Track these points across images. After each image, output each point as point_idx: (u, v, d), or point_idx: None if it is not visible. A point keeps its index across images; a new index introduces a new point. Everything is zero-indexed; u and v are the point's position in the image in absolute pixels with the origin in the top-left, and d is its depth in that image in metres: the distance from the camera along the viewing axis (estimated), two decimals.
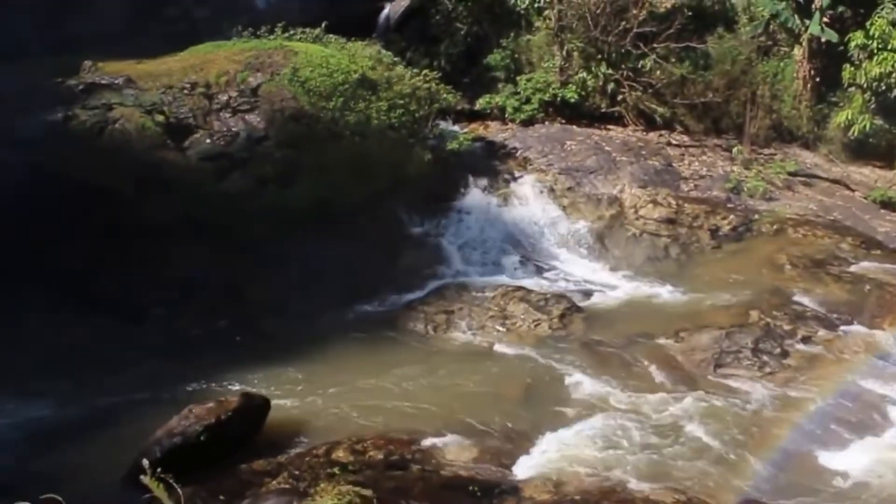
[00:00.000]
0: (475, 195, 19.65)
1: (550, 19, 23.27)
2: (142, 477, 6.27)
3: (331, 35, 20.82)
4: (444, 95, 20.77)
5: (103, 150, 16.50)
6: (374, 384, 13.75)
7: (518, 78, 23.46)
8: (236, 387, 13.32)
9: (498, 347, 15.21)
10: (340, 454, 11.38)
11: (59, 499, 5.75)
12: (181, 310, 15.76)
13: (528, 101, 22.99)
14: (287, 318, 15.87)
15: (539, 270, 18.30)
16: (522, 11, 24.25)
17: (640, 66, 23.04)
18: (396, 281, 17.28)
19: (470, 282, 17.48)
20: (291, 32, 20.64)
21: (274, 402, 12.41)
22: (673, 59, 23.03)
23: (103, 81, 17.88)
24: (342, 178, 17.69)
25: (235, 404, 11.69)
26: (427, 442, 11.89)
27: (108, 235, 15.98)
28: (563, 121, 23.03)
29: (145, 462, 6.55)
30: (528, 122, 22.79)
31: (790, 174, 21.61)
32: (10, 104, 17.14)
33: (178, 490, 6.25)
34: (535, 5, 23.90)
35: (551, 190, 20.17)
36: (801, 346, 14.73)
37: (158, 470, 6.22)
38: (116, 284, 15.78)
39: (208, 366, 14.08)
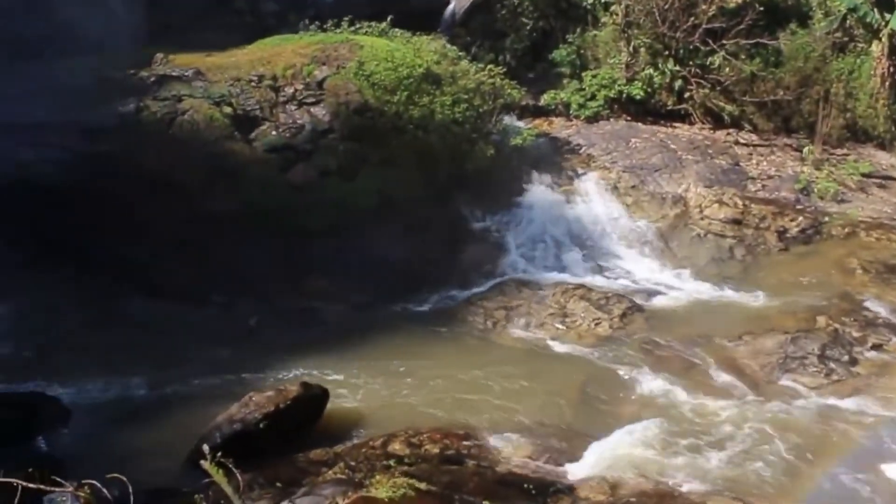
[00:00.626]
0: (538, 191, 19.53)
1: (617, 15, 22.97)
2: (202, 462, 6.40)
3: (396, 29, 20.92)
4: (509, 91, 20.71)
5: (173, 140, 16.88)
6: (432, 378, 13.77)
7: (583, 74, 23.22)
8: (296, 376, 13.46)
9: (557, 345, 15.11)
10: (397, 447, 11.43)
11: (123, 478, 5.89)
12: (243, 298, 16.02)
13: (593, 97, 22.75)
14: (348, 309, 16.05)
15: (600, 269, 18.12)
16: (589, 7, 24.01)
17: (708, 62, 22.59)
18: (457, 275, 17.31)
19: (530, 278, 17.40)
20: (357, 26, 20.80)
21: (332, 392, 12.53)
22: (743, 56, 22.52)
23: (174, 74, 18.29)
24: (405, 172, 17.79)
25: (294, 394, 11.84)
26: (483, 438, 11.88)
27: (174, 224, 16.35)
28: (629, 118, 22.74)
29: (206, 447, 6.69)
30: (593, 119, 22.56)
31: (864, 175, 20.94)
32: (86, 95, 17.66)
33: (237, 475, 6.35)
34: (603, 1, 23.65)
35: (615, 188, 19.94)
36: (871, 354, 14.28)
37: (218, 455, 6.34)
38: (181, 272, 16.12)
39: (269, 354, 14.31)
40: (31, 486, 4.32)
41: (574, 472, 11.14)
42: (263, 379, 13.48)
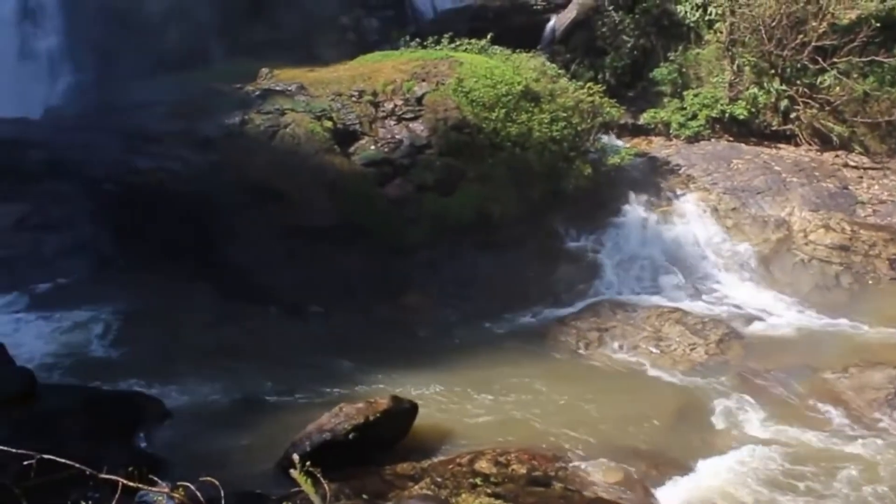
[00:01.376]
0: (635, 212, 19.23)
1: (721, 32, 22.45)
2: (291, 471, 6.51)
3: (496, 46, 21.01)
4: (608, 109, 20.49)
5: (275, 152, 17.37)
6: (522, 397, 13.68)
7: (685, 93, 22.77)
8: (386, 388, 13.58)
9: (650, 369, 14.80)
10: (483, 465, 11.37)
11: (216, 482, 6.04)
12: (339, 309, 16.30)
13: (694, 116, 22.27)
14: (440, 323, 16.13)
15: (698, 292, 17.66)
16: (692, 24, 23.54)
17: (817, 81, 21.81)
18: (550, 294, 17.19)
19: (625, 300, 17.13)
20: (458, 43, 20.99)
21: (421, 406, 12.58)
22: (855, 75, 21.64)
23: (278, 88, 18.87)
24: (501, 189, 17.82)
25: (384, 406, 11.93)
26: (572, 460, 11.70)
27: (276, 234, 16.83)
28: (731, 138, 22.15)
29: (296, 456, 6.80)
30: (694, 139, 22.08)
31: None
32: (195, 107, 18.40)
33: (325, 485, 6.43)
34: (706, 18, 23.14)
35: (715, 210, 19.44)
36: None
37: (308, 464, 6.44)
38: (282, 281, 16.55)
39: (361, 365, 14.50)
40: (130, 484, 4.50)
41: (665, 500, 10.86)
42: (355, 390, 13.64)
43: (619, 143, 21.63)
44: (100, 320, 15.96)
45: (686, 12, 23.24)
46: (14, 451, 4.14)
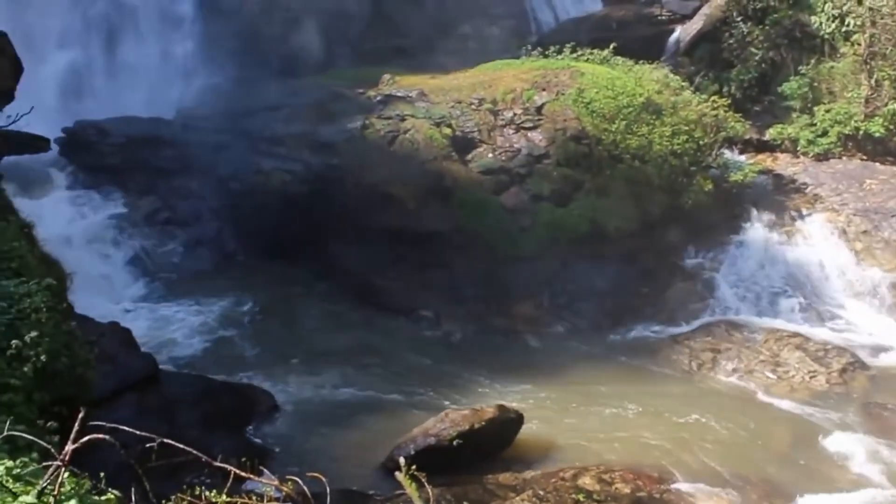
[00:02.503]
0: (756, 230, 18.54)
1: (859, 44, 21.37)
2: (396, 473, 6.57)
3: (618, 57, 20.67)
4: (732, 124, 19.84)
5: (393, 157, 17.63)
6: (629, 414, 13.42)
7: (815, 108, 21.78)
8: (493, 397, 13.58)
9: (765, 395, 14.24)
10: (587, 481, 11.21)
11: (323, 479, 6.16)
12: (449, 314, 16.42)
13: (824, 133, 21.28)
14: (550, 335, 16.03)
15: (820, 318, 16.86)
16: (826, 36, 22.50)
17: None
18: (664, 311, 16.78)
19: (741, 321, 16.53)
20: (579, 53, 20.77)
21: (527, 417, 12.51)
22: None
23: (399, 94, 19.16)
24: (618, 202, 17.54)
25: (490, 415, 11.93)
26: (678, 483, 11.40)
27: (391, 237, 17.12)
28: (864, 157, 21.03)
29: (402, 460, 6.88)
30: (823, 157, 21.09)
31: None
32: (318, 110, 18.92)
33: (428, 489, 6.46)
34: (843, 29, 22.08)
35: (843, 232, 18.51)
36: None
37: (413, 468, 6.49)
38: (395, 284, 16.83)
39: (469, 372, 14.57)
40: (242, 473, 4.65)
41: None
42: (461, 396, 13.72)
43: (743, 158, 20.92)
44: (219, 312, 16.67)
45: (821, 23, 22.26)
46: (139, 433, 4.37)
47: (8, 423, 5.63)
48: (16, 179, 16.32)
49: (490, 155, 17.91)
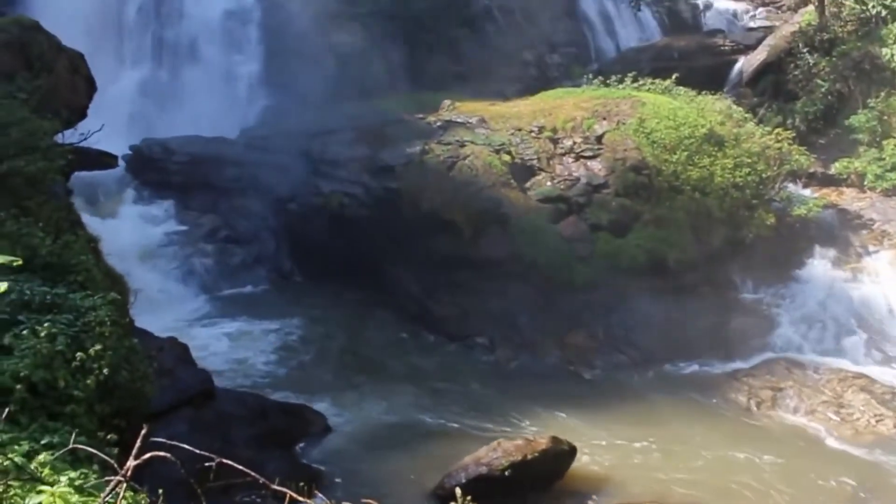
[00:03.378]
0: (819, 266, 18.08)
1: None
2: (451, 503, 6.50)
3: (680, 87, 20.47)
4: (796, 157, 19.46)
5: (452, 183, 17.64)
6: (684, 450, 13.13)
7: (884, 142, 21.21)
8: (546, 427, 13.40)
9: (827, 438, 13.80)
10: None
11: None
12: (504, 342, 16.32)
13: (893, 168, 20.72)
14: (606, 366, 15.81)
15: (887, 359, 16.34)
16: None
17: None
18: (722, 346, 16.43)
19: (803, 359, 16.09)
20: (641, 83, 20.63)
21: (580, 449, 12.32)
22: None
23: (459, 120, 19.24)
24: (678, 234, 17.29)
25: (543, 446, 11.78)
26: None
27: (446, 263, 17.12)
28: None
29: (458, 490, 6.80)
30: (892, 192, 20.49)
31: None
32: (378, 135, 19.09)
33: None
34: None
35: None
36: None
37: (468, 499, 6.41)
38: (448, 311, 16.81)
39: (522, 401, 14.41)
40: (299, 498, 4.63)
41: None
42: (514, 425, 13.58)
43: (807, 192, 20.46)
44: (275, 331, 16.82)
45: (892, 56, 21.76)
46: (197, 451, 4.39)
47: (73, 435, 5.73)
48: (84, 194, 16.79)
49: (549, 183, 17.83)
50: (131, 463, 3.99)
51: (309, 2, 24.98)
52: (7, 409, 6.61)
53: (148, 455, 4.00)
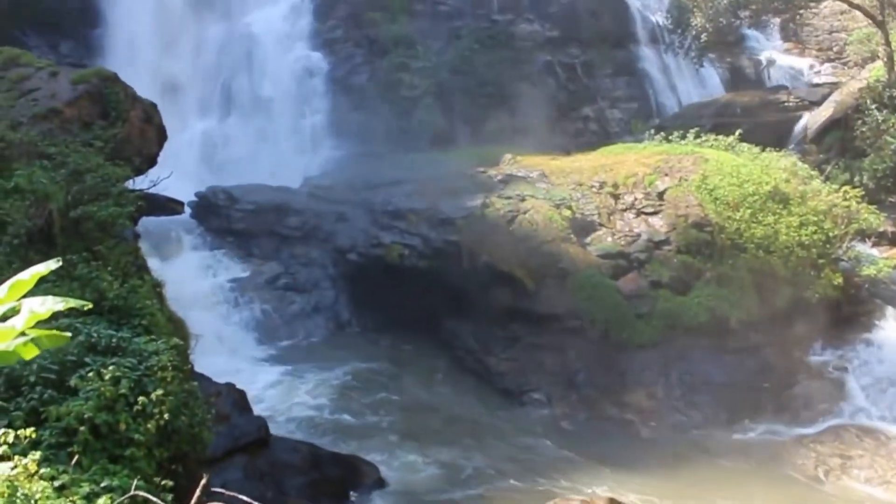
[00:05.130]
0: (891, 329, 17.46)
1: None
2: None
3: (744, 144, 20.25)
4: (865, 215, 18.94)
5: (511, 237, 17.60)
6: None
7: None
8: (603, 488, 13.07)
9: None
10: None
11: None
12: (561, 398, 16.06)
13: None
14: (665, 427, 15.39)
15: None
16: None
17: None
18: (787, 410, 15.88)
19: (874, 427, 15.45)
20: (703, 139, 20.46)
21: None
22: None
23: (520, 174, 19.28)
24: (741, 292, 16.91)
25: None
26: None
27: (503, 317, 17.02)
28: None
29: None
30: None
31: None
32: (439, 187, 19.22)
33: None
34: None
35: None
36: None
37: None
38: (505, 365, 16.65)
39: (579, 459, 14.12)
40: None
41: None
42: (570, 483, 13.27)
43: (876, 252, 19.87)
44: (331, 381, 16.84)
45: None
46: (252, 502, 4.37)
47: (135, 482, 5.76)
48: (151, 239, 17.21)
49: (609, 239, 17.67)
50: None
51: (373, 55, 25.57)
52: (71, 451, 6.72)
53: None
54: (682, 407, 15.67)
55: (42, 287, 2.69)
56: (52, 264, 2.72)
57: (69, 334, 2.66)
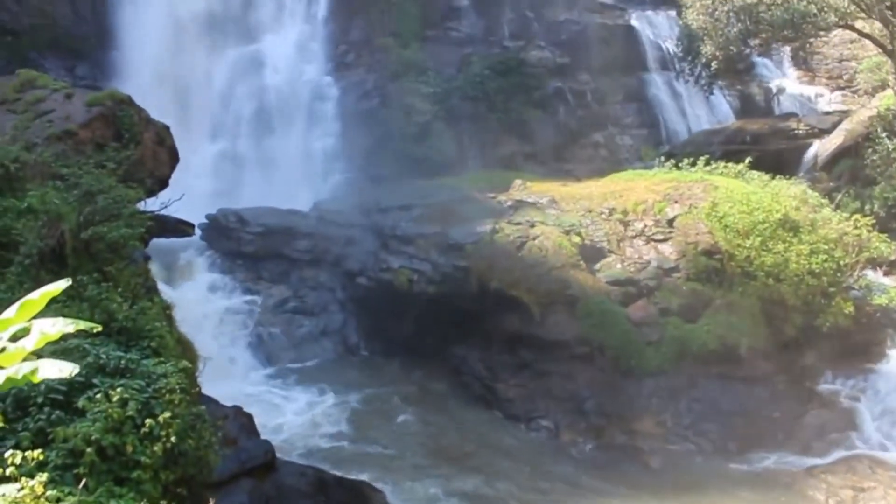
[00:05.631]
0: None
1: None
2: None
3: (754, 171, 20.22)
4: (876, 244, 18.82)
5: (521, 263, 17.57)
6: None
7: None
8: None
9: None
10: None
11: None
12: (569, 425, 15.96)
13: None
14: (673, 456, 15.25)
15: None
16: None
17: None
18: (797, 440, 15.72)
19: (888, 458, 15.26)
20: (713, 166, 20.45)
21: None
22: None
23: (529, 199, 19.29)
24: (750, 320, 16.81)
25: None
26: None
27: (512, 342, 16.96)
28: None
29: None
30: None
31: None
32: (448, 212, 19.24)
33: None
34: None
35: None
36: None
37: None
38: (513, 391, 16.58)
39: (586, 486, 14.01)
40: None
41: None
42: None
43: (887, 281, 19.74)
44: (338, 404, 16.79)
45: None
46: None
47: None
48: (161, 260, 17.27)
49: (618, 265, 17.61)
50: None
51: (385, 80, 25.75)
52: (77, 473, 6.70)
53: None
54: (692, 435, 15.54)
55: (52, 307, 2.70)
56: (62, 284, 2.73)
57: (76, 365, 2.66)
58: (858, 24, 23.24)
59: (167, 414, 7.78)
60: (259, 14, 26.14)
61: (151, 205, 14.07)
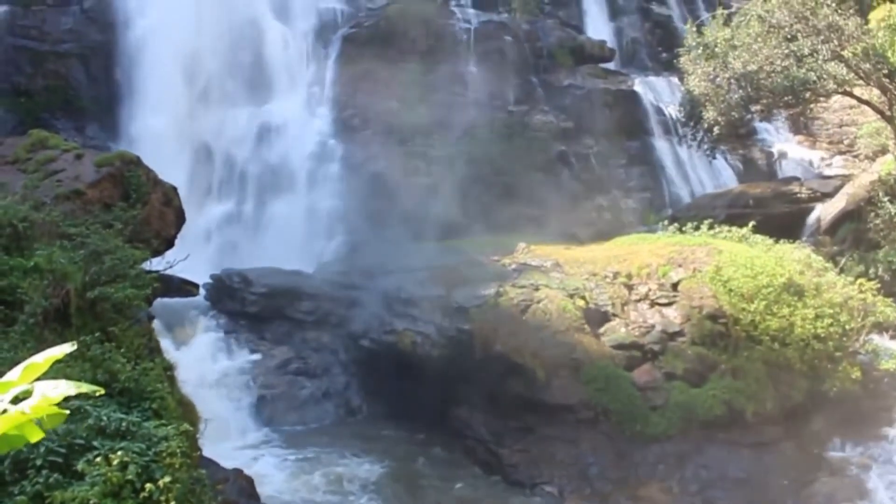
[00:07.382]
0: None
1: None
2: None
3: (757, 235, 20.29)
4: (882, 308, 18.77)
5: (525, 326, 17.49)
6: None
7: None
8: None
9: None
10: None
11: None
12: (573, 491, 15.68)
13: None
14: None
15: None
16: None
17: None
18: None
19: None
20: (717, 230, 20.52)
21: None
22: None
23: (534, 263, 19.32)
24: (756, 385, 16.67)
25: None
26: None
27: (513, 407, 16.79)
28: None
29: None
30: None
31: None
32: (452, 275, 19.25)
33: None
34: None
35: None
36: None
37: None
38: (517, 457, 16.34)
39: None
40: None
41: None
42: None
43: (895, 345, 19.64)
44: (338, 467, 16.55)
45: None
46: None
47: None
48: (163, 319, 17.25)
49: (623, 329, 17.53)
50: None
51: (388, 143, 26.04)
52: None
53: None
54: (699, 503, 15.26)
55: (54, 366, 2.70)
56: (67, 348, 2.73)
57: (67, 411, 2.65)
58: (857, 91, 23.57)
59: (167, 478, 7.68)
60: (269, 76, 26.59)
61: (157, 264, 14.13)
